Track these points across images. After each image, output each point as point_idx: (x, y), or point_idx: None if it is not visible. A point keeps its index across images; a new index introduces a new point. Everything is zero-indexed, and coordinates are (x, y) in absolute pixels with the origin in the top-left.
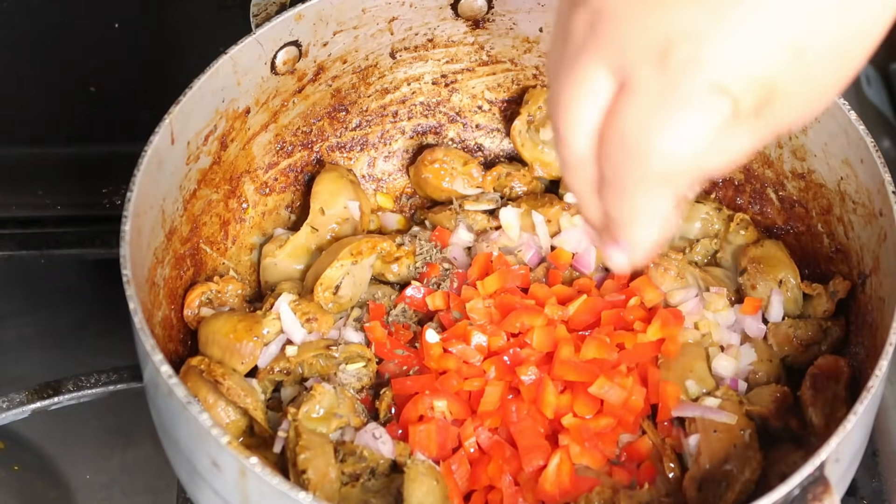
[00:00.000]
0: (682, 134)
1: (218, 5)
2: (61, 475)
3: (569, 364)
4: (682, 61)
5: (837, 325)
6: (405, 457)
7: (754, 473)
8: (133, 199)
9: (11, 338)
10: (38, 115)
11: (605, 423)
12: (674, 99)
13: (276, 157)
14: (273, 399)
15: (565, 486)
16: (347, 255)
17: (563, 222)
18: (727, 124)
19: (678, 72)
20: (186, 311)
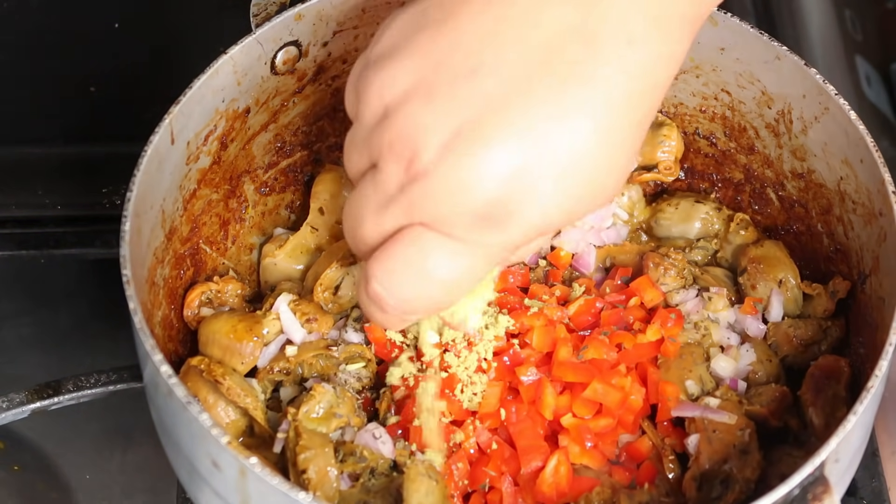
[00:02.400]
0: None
1: (218, 5)
2: (61, 475)
3: (568, 365)
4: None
5: (837, 325)
6: (405, 457)
7: (754, 473)
8: (133, 199)
9: (11, 338)
10: (38, 115)
11: (605, 424)
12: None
13: (276, 157)
14: (273, 399)
15: (563, 487)
16: (348, 256)
17: None
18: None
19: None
20: (186, 311)
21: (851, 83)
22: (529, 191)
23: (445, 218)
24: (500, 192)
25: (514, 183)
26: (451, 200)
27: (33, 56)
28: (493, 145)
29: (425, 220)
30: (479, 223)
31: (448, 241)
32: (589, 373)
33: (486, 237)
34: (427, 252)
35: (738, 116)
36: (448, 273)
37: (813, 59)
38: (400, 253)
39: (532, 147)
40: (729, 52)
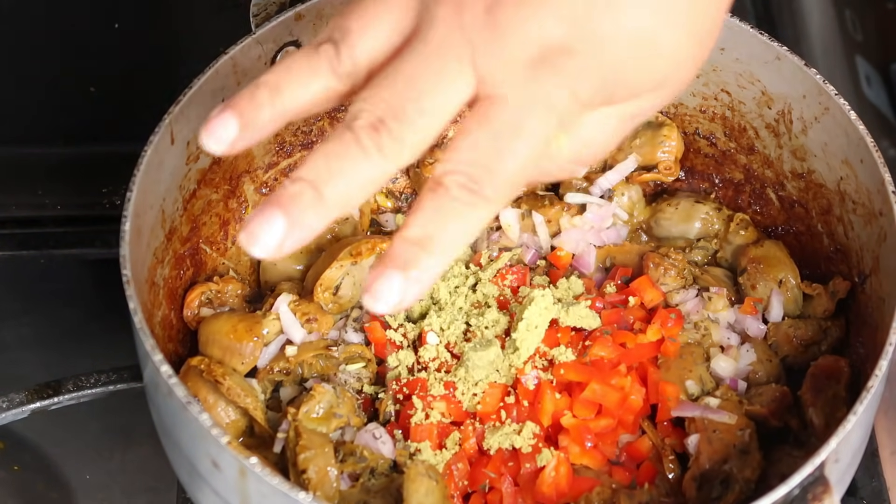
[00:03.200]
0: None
1: (218, 5)
2: (61, 475)
3: (568, 364)
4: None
5: (837, 325)
6: (405, 457)
7: (754, 473)
8: (133, 199)
9: (11, 338)
10: (38, 115)
11: (605, 424)
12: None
13: (276, 157)
14: (273, 399)
15: (562, 488)
16: (347, 256)
17: (563, 223)
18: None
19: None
20: (186, 311)
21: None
22: (589, 36)
23: (506, 64)
24: (559, 31)
25: (573, 26)
26: (513, 41)
27: (33, 56)
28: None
29: (484, 72)
30: (537, 64)
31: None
32: (590, 373)
33: (545, 83)
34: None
35: (738, 116)
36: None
37: (813, 59)
38: (483, 136)
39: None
40: (729, 52)
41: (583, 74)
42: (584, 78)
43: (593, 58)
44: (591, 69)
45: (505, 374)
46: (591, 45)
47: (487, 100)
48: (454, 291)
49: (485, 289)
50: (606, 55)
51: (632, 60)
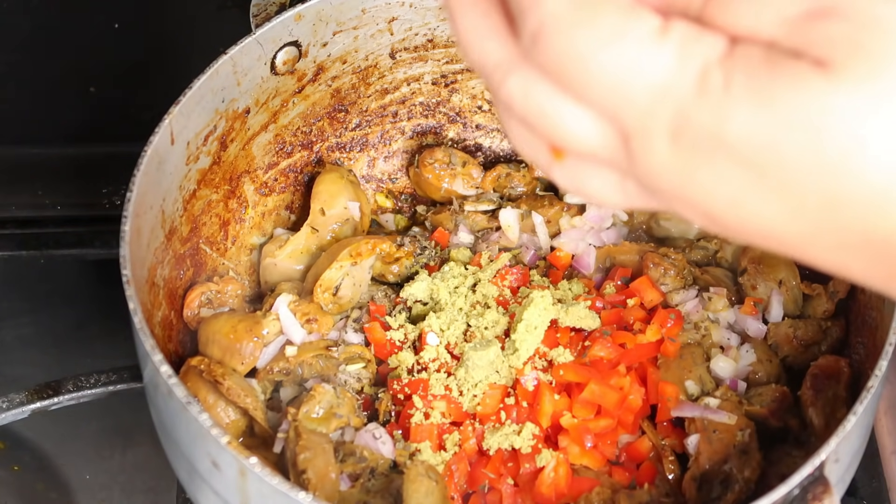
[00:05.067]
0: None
1: (218, 5)
2: (61, 475)
3: (568, 365)
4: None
5: (837, 325)
6: (405, 457)
7: (754, 473)
8: (133, 200)
9: (11, 338)
10: (38, 115)
11: (605, 424)
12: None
13: (276, 158)
14: (273, 399)
15: (561, 488)
16: (347, 257)
17: (562, 223)
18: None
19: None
20: (186, 311)
21: None
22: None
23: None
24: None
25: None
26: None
27: (33, 56)
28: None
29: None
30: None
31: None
32: (588, 373)
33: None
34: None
35: None
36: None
37: None
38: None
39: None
40: None
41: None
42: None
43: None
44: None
45: (505, 375)
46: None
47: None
48: (454, 292)
49: (484, 289)
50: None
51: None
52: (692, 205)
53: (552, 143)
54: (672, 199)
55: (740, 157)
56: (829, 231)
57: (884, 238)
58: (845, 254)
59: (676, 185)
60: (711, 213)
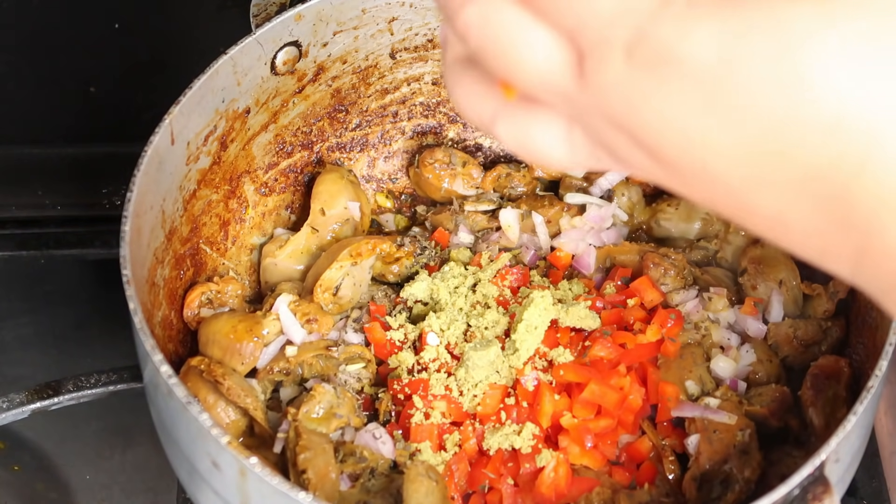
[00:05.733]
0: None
1: (218, 5)
2: (61, 475)
3: (568, 365)
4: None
5: (837, 325)
6: (405, 457)
7: (754, 473)
8: (133, 200)
9: (11, 338)
10: (38, 115)
11: (605, 424)
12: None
13: (276, 158)
14: (273, 399)
15: (561, 488)
16: (347, 257)
17: (562, 223)
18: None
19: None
20: (186, 311)
21: None
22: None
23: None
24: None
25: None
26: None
27: (33, 56)
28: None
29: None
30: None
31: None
32: (588, 374)
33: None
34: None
35: None
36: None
37: None
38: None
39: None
40: None
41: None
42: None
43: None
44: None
45: (505, 375)
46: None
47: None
48: (454, 292)
49: (484, 289)
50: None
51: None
52: (636, 135)
53: (503, 78)
54: (617, 136)
55: (694, 74)
56: (771, 165)
57: (826, 175)
58: (786, 200)
59: (625, 107)
60: (655, 142)
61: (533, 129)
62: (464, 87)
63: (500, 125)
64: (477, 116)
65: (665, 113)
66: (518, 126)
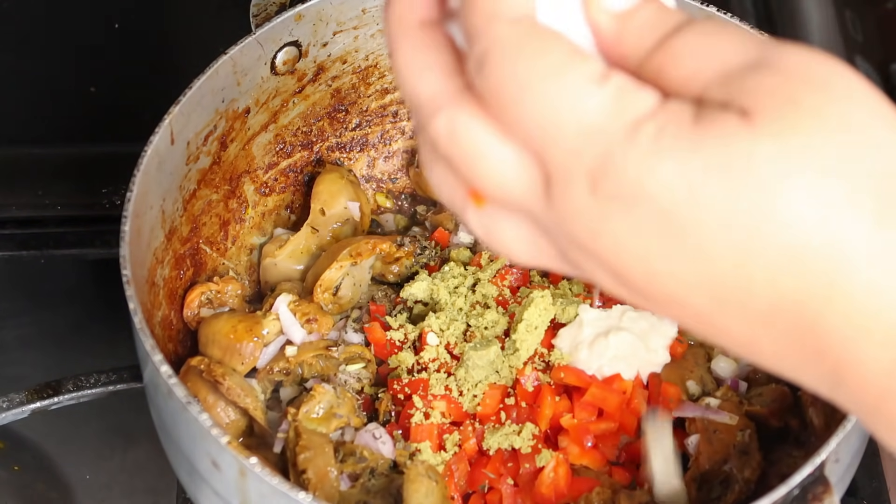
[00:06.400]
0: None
1: (218, 5)
2: (61, 475)
3: (568, 368)
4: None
5: None
6: (405, 457)
7: (754, 473)
8: (133, 200)
9: (11, 338)
10: (38, 115)
11: (606, 427)
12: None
13: (276, 158)
14: (273, 399)
15: (561, 489)
16: (347, 257)
17: None
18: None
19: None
20: (186, 311)
21: None
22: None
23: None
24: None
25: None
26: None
27: (33, 56)
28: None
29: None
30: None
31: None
32: (588, 377)
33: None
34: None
35: None
36: None
37: None
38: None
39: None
40: None
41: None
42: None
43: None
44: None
45: (505, 375)
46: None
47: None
48: (454, 292)
49: (484, 289)
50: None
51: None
52: (601, 260)
53: (472, 187)
54: (581, 255)
55: (658, 208)
56: (739, 298)
57: (793, 307)
58: (756, 328)
59: (589, 235)
60: (620, 270)
61: (500, 226)
62: (437, 173)
63: (470, 216)
64: (448, 202)
65: (630, 245)
66: (486, 221)
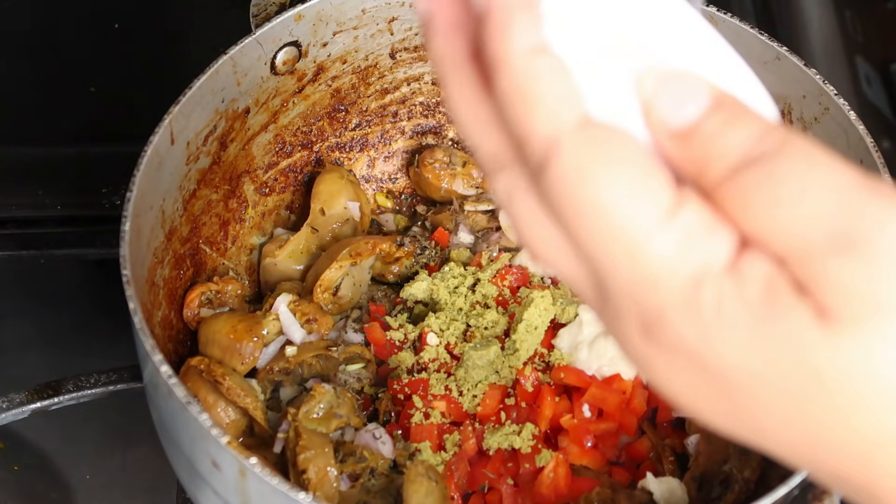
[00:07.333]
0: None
1: (218, 5)
2: (61, 475)
3: (568, 368)
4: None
5: None
6: (405, 457)
7: (754, 473)
8: (133, 199)
9: (11, 338)
10: (38, 115)
11: (606, 427)
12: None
13: (276, 158)
14: (273, 399)
15: (561, 489)
16: (347, 257)
17: None
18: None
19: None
20: (186, 311)
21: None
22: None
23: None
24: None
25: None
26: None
27: (33, 56)
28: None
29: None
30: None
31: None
32: (588, 377)
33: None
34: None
35: None
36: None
37: (813, 60)
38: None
39: None
40: None
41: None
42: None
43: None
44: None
45: (504, 375)
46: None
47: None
48: (454, 292)
49: (484, 289)
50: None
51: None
52: (645, 373)
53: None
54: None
55: (713, 375)
56: (792, 444)
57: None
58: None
59: (635, 358)
60: (664, 392)
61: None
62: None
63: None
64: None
65: (676, 381)
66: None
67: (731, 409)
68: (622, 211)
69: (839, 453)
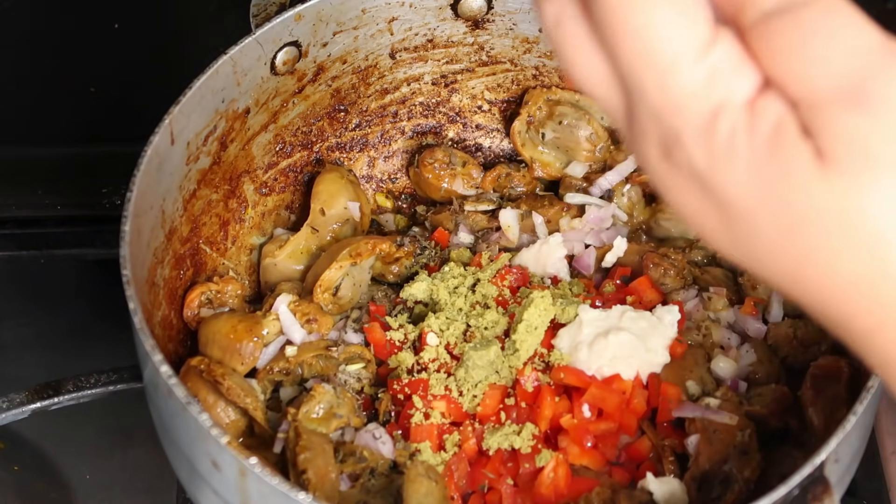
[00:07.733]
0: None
1: (218, 5)
2: (61, 475)
3: (568, 368)
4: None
5: None
6: (405, 457)
7: (754, 473)
8: (133, 200)
9: (11, 338)
10: (38, 115)
11: (606, 427)
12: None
13: (276, 158)
14: (273, 399)
15: (561, 489)
16: (347, 257)
17: (562, 224)
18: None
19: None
20: (186, 311)
21: None
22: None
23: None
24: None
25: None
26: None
27: (33, 56)
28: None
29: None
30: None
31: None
32: (588, 377)
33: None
34: None
35: None
36: None
37: None
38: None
39: None
40: None
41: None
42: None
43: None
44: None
45: (504, 375)
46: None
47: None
48: (454, 292)
49: (484, 289)
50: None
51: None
52: (661, 186)
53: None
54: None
55: (717, 201)
56: (781, 274)
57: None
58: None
59: (654, 177)
60: (679, 209)
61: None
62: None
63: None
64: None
65: (686, 201)
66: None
67: (731, 233)
68: (663, 37)
69: (820, 284)
